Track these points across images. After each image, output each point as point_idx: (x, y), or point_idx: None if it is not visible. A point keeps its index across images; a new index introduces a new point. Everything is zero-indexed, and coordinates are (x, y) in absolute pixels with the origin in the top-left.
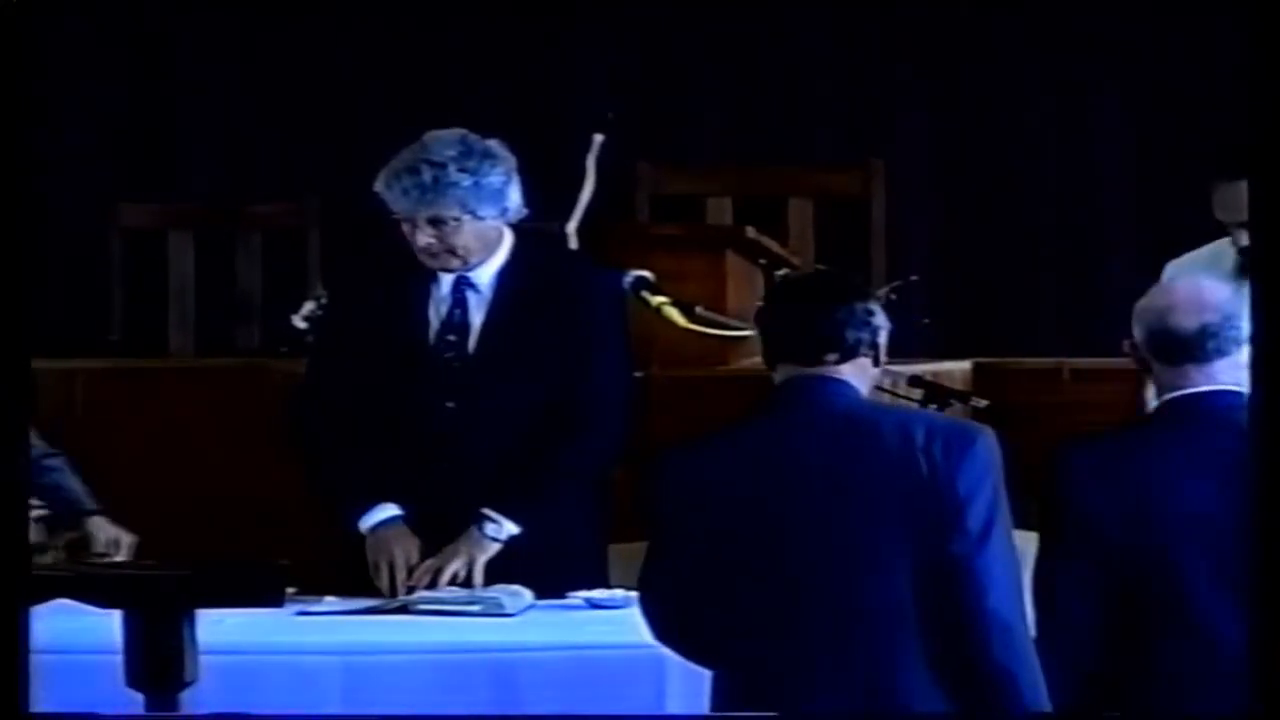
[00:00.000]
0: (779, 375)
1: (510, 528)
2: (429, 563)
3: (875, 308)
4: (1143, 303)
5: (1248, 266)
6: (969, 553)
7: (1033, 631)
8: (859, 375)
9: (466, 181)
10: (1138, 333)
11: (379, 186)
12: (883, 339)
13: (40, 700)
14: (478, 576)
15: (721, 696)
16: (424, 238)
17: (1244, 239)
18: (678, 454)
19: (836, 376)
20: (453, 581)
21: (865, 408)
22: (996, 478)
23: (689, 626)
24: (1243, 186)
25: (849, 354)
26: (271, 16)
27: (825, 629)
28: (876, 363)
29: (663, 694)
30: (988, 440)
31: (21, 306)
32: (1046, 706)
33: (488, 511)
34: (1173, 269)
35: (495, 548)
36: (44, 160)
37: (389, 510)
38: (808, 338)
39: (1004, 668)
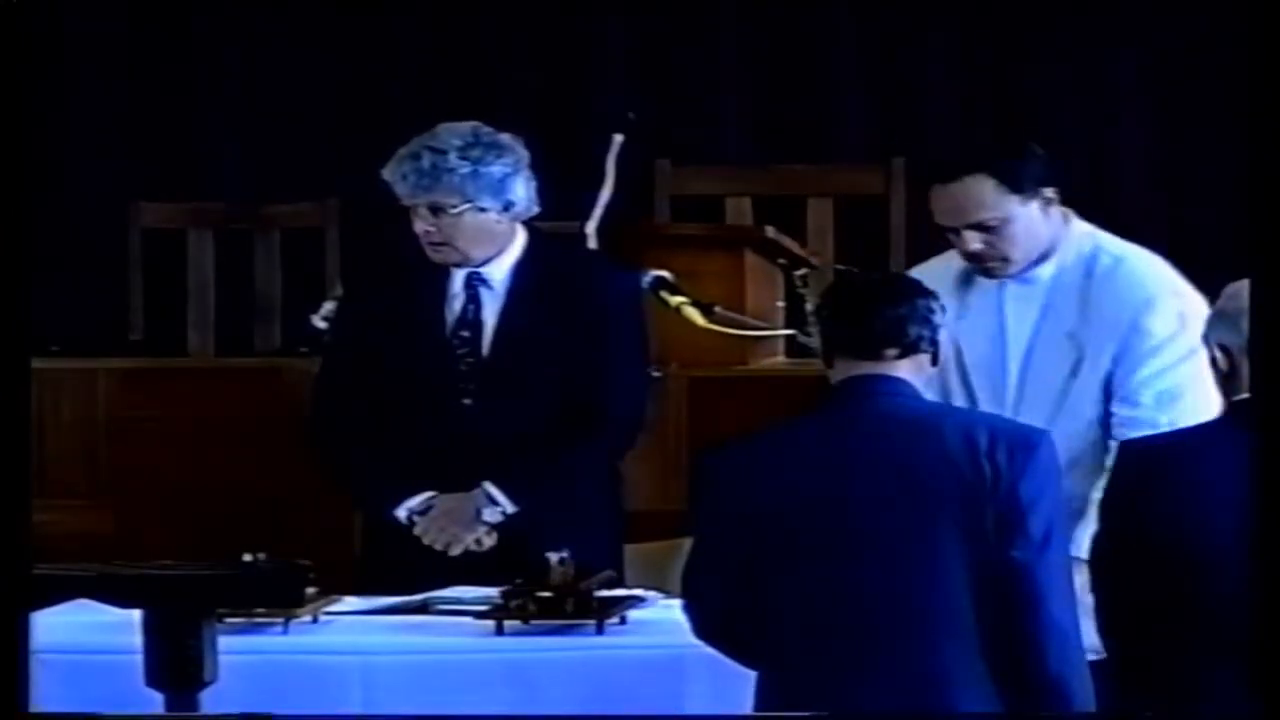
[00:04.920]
0: (837, 373)
1: (508, 506)
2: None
3: (936, 305)
4: (1232, 305)
5: (974, 272)
6: (1031, 559)
7: None
8: (917, 373)
9: (465, 169)
10: (1230, 336)
11: (386, 172)
12: (942, 338)
13: (55, 700)
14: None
15: (765, 696)
16: (422, 225)
17: (971, 242)
18: (728, 450)
19: (895, 375)
20: (473, 580)
21: (926, 408)
22: (1057, 483)
23: (734, 624)
24: (957, 189)
25: (909, 350)
26: (292, 15)
27: (876, 629)
28: (935, 362)
29: (681, 694)
30: (1050, 445)
31: (22, 307)
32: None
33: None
34: (911, 272)
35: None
36: (64, 159)
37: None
38: (869, 331)
39: (1059, 674)
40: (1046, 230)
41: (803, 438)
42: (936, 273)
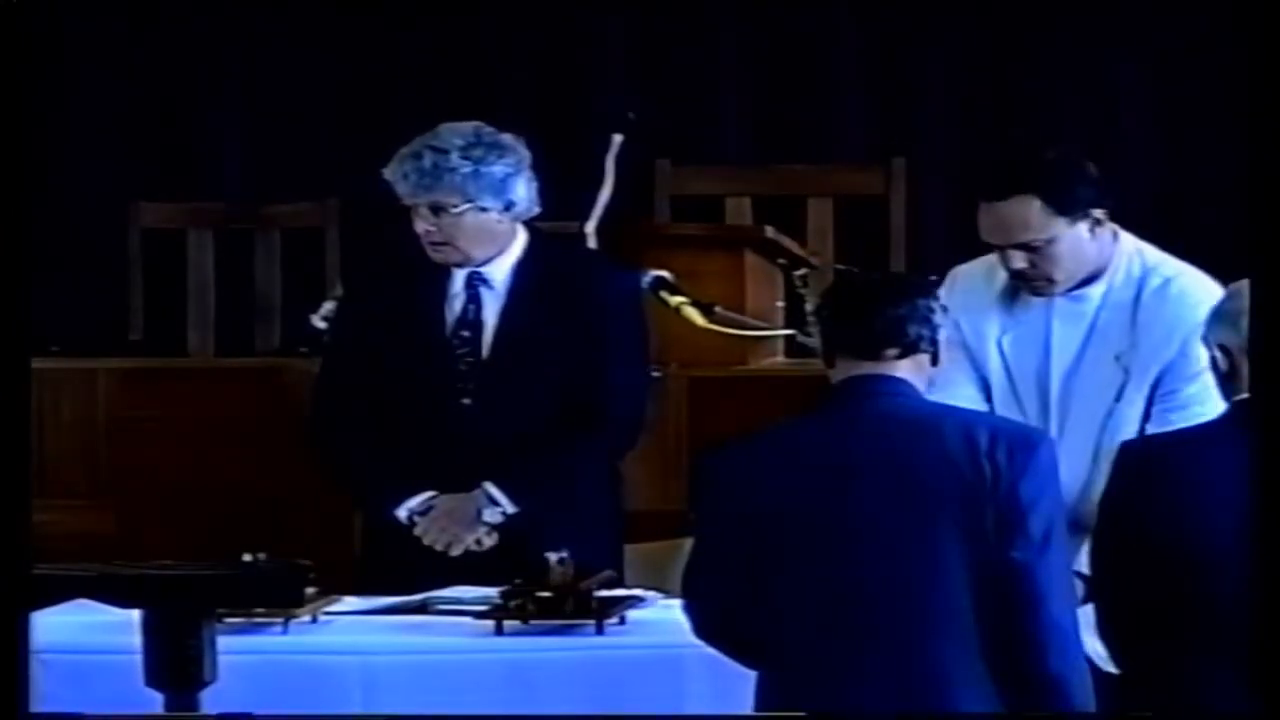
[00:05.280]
0: (837, 372)
1: (508, 506)
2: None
3: (936, 305)
4: (1232, 305)
5: (1017, 289)
6: (1030, 559)
7: None
8: (917, 373)
9: (466, 169)
10: (1230, 336)
11: (387, 172)
12: (942, 337)
13: (55, 700)
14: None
15: (766, 695)
16: (423, 225)
17: (1015, 261)
18: (729, 450)
19: (895, 374)
20: (473, 580)
21: (926, 407)
22: (1057, 483)
23: (734, 624)
24: (1003, 208)
25: (909, 350)
26: (292, 15)
27: (877, 629)
28: (935, 361)
29: (681, 694)
30: (1050, 445)
31: (22, 307)
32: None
33: (490, 489)
34: (956, 273)
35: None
36: (64, 159)
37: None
38: (869, 331)
39: (1058, 674)
40: (1094, 251)
41: (803, 437)
42: (979, 278)
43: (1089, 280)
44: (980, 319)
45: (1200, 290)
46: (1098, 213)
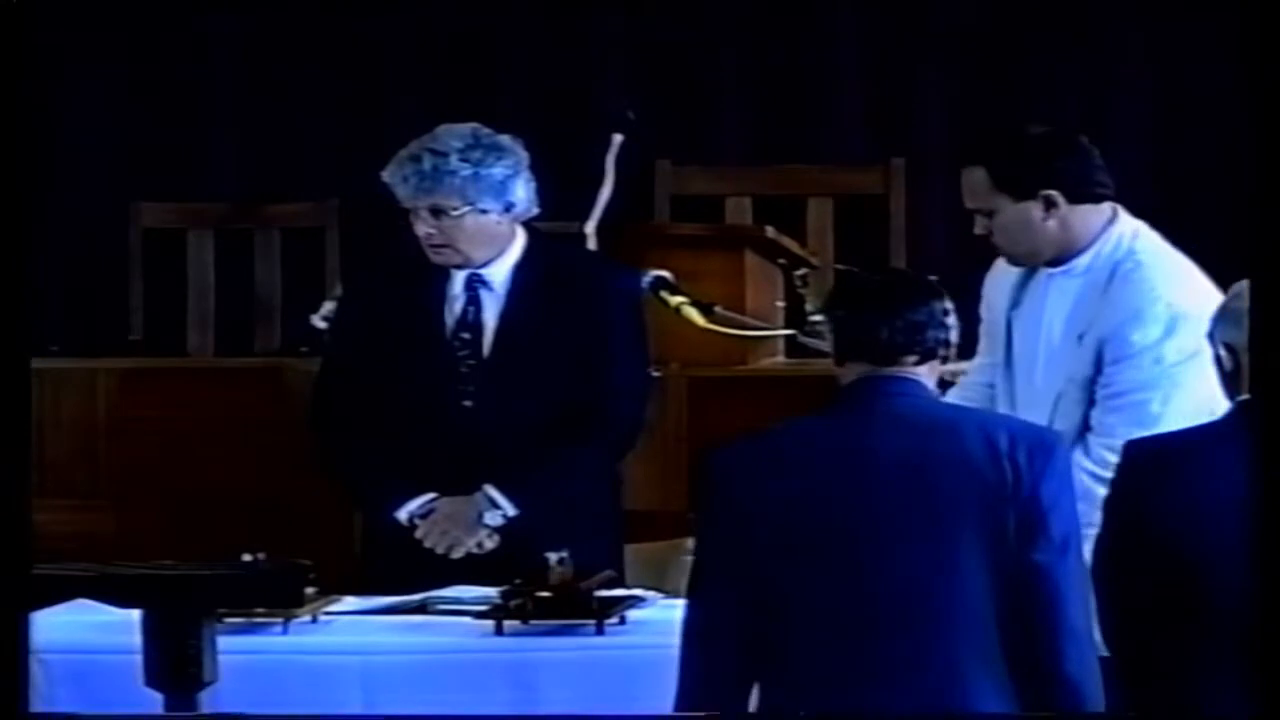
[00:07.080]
0: (848, 374)
1: (509, 509)
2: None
3: (949, 307)
4: (1238, 304)
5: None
6: (1051, 562)
7: None
8: (930, 376)
9: (466, 171)
10: (1235, 335)
11: (385, 174)
12: (954, 338)
13: (55, 700)
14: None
15: (771, 696)
16: (424, 228)
17: (977, 225)
18: (736, 447)
19: (912, 376)
20: (473, 581)
21: (944, 409)
22: (1073, 484)
23: (736, 626)
24: (964, 173)
25: (928, 355)
26: (292, 15)
27: (892, 631)
28: (945, 361)
29: None
30: (1065, 447)
31: (22, 307)
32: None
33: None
34: (997, 262)
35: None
36: (64, 159)
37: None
38: (888, 340)
39: (1073, 678)
40: (1054, 231)
41: (816, 436)
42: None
43: (1077, 255)
44: (1001, 299)
45: (1161, 278)
46: (1052, 194)
